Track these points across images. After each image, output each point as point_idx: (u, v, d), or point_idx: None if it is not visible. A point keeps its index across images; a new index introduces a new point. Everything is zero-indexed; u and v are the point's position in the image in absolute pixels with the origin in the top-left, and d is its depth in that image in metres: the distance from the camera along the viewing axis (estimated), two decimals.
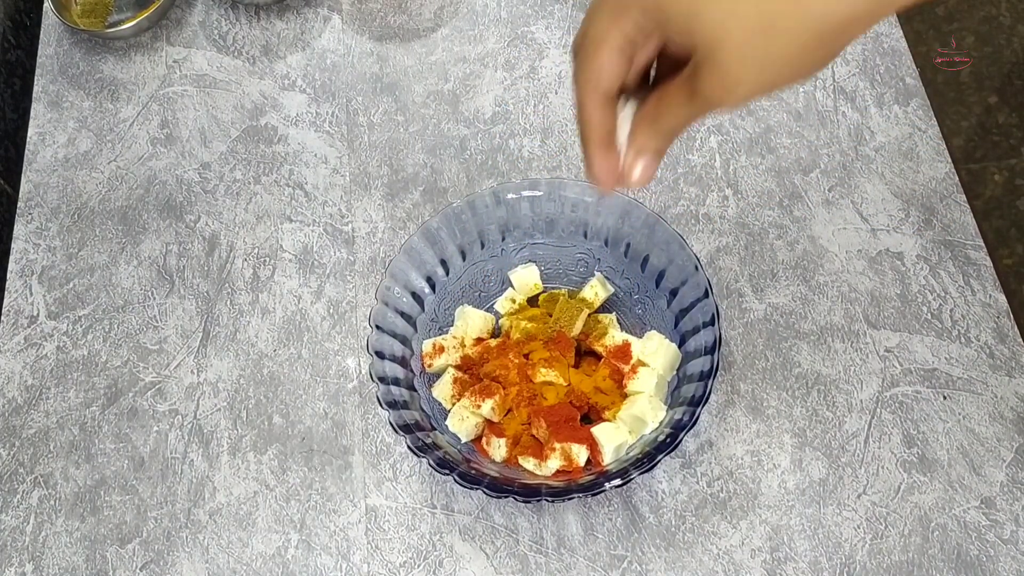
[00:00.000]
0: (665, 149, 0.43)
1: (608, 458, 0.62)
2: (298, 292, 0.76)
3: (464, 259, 0.69)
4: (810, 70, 0.37)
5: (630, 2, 0.37)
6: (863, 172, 0.77)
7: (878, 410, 0.67)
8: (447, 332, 0.68)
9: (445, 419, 0.65)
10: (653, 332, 0.65)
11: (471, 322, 0.67)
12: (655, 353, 0.64)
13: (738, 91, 0.37)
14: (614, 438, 0.61)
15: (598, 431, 0.62)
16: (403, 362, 0.64)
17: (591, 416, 0.65)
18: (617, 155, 0.43)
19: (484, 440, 0.64)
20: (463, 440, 0.64)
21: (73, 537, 0.68)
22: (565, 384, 0.64)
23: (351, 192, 0.80)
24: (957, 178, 0.76)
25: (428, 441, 0.60)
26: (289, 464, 0.69)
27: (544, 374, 0.64)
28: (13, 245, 0.80)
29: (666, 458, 0.56)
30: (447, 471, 0.57)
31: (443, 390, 0.65)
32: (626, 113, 0.43)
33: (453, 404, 0.65)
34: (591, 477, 0.60)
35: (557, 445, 0.61)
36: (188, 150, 0.84)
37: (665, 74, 0.42)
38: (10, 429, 0.72)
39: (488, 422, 0.65)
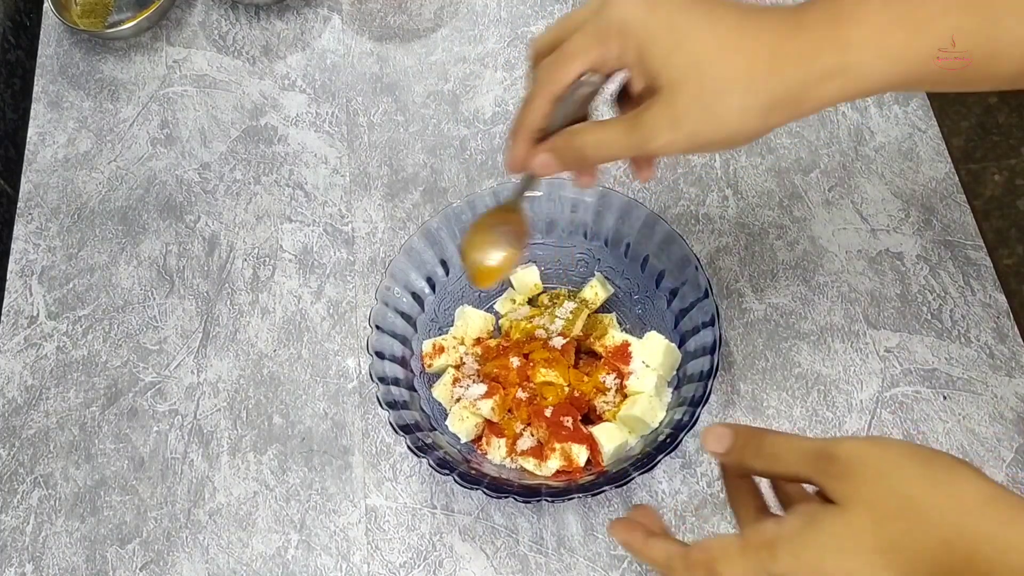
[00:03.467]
0: (575, 169, 0.49)
1: (608, 458, 0.62)
2: (298, 292, 0.76)
3: None
4: (745, 135, 0.42)
5: (614, 31, 0.42)
6: (863, 172, 0.77)
7: (878, 410, 0.67)
8: (447, 332, 0.68)
9: (445, 419, 0.65)
10: (653, 332, 0.65)
11: (471, 322, 0.67)
12: (655, 353, 0.64)
13: (677, 130, 0.42)
14: (614, 438, 0.61)
15: (598, 431, 0.62)
16: (403, 362, 0.65)
17: (591, 416, 0.65)
18: (532, 148, 0.48)
19: (484, 440, 0.64)
20: (463, 440, 0.64)
21: (73, 537, 0.68)
22: (565, 384, 0.64)
23: (351, 192, 0.80)
24: (957, 178, 0.76)
25: (428, 441, 0.60)
26: (289, 464, 0.69)
27: (544, 374, 0.64)
28: (13, 245, 0.80)
29: (666, 458, 0.56)
30: (447, 471, 0.57)
31: (443, 391, 0.65)
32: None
33: (453, 404, 0.65)
34: (591, 477, 0.60)
35: (557, 445, 0.61)
36: (188, 150, 0.84)
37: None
38: (10, 429, 0.72)
39: (488, 422, 0.65)
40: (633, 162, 0.50)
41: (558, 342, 0.66)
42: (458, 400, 0.65)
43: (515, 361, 0.65)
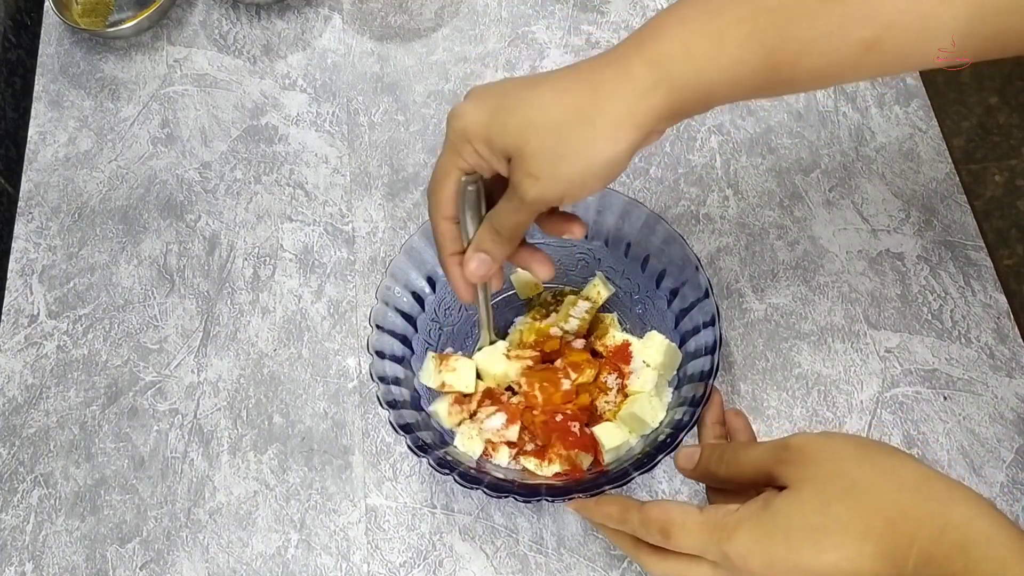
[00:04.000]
0: (500, 251, 0.53)
1: (608, 458, 0.62)
2: (298, 292, 0.76)
3: None
4: (603, 163, 0.46)
5: (460, 140, 0.48)
6: (864, 172, 0.77)
7: (878, 411, 0.67)
8: (447, 331, 0.68)
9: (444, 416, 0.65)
10: (653, 332, 0.65)
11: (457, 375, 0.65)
12: (655, 353, 0.64)
13: (538, 181, 0.47)
14: (614, 438, 0.61)
15: (598, 430, 0.62)
16: (403, 362, 0.64)
17: (592, 416, 0.65)
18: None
19: (488, 445, 0.64)
20: (475, 458, 0.63)
21: (73, 536, 0.68)
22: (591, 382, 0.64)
23: (351, 192, 0.80)
24: (958, 178, 0.76)
25: (428, 440, 0.60)
26: (289, 464, 0.69)
27: (588, 375, 0.63)
28: (13, 244, 0.80)
29: (666, 458, 0.56)
30: (447, 471, 0.57)
31: (447, 415, 0.64)
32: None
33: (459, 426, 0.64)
34: (591, 477, 0.60)
35: (563, 452, 0.61)
36: (189, 149, 0.84)
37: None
38: (10, 428, 0.72)
39: None
40: (558, 226, 0.55)
41: (579, 343, 0.65)
42: (477, 431, 0.63)
43: (540, 384, 0.64)
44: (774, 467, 0.45)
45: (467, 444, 0.62)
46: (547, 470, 0.61)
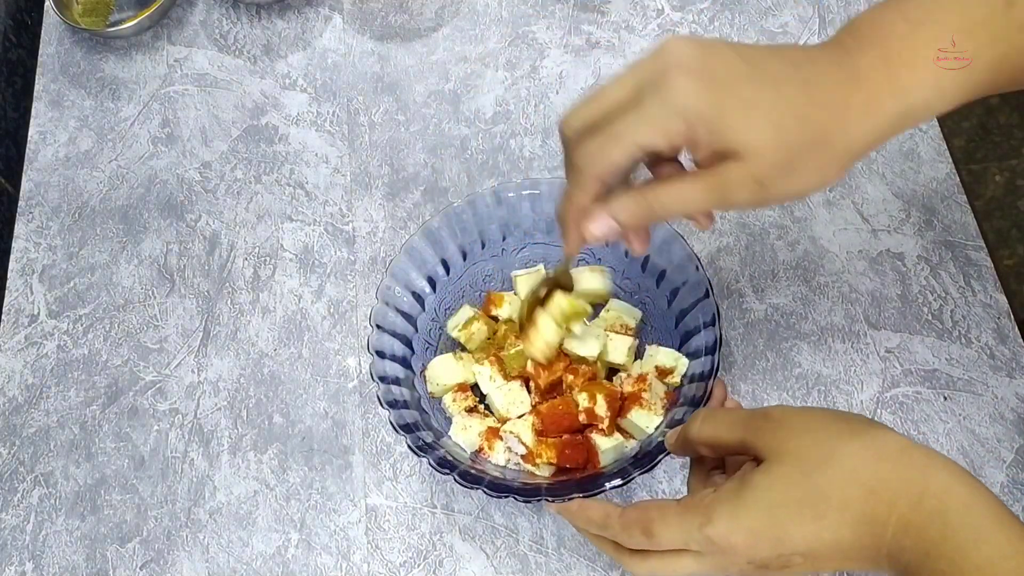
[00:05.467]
0: (638, 223, 0.47)
1: (608, 458, 0.61)
2: (299, 292, 0.76)
3: (465, 259, 0.69)
4: (820, 187, 0.44)
5: (677, 116, 0.42)
6: (864, 173, 0.77)
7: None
8: (447, 331, 0.68)
9: (445, 414, 0.65)
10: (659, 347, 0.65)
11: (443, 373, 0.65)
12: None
13: (763, 190, 0.43)
14: (611, 440, 0.61)
15: (595, 436, 0.62)
16: (403, 362, 0.64)
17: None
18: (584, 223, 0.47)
19: (486, 444, 0.64)
20: (468, 451, 0.63)
21: (73, 536, 0.68)
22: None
23: (352, 192, 0.80)
24: (958, 178, 0.76)
25: (428, 440, 0.60)
26: (289, 463, 0.69)
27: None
28: (14, 244, 0.80)
29: (666, 458, 0.56)
30: (447, 471, 0.57)
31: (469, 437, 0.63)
32: None
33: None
34: (591, 477, 0.60)
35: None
36: (189, 149, 0.84)
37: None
38: (10, 428, 0.72)
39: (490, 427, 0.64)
40: (633, 236, 0.50)
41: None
42: (506, 456, 0.63)
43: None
44: (752, 435, 0.45)
45: (461, 435, 0.63)
46: (545, 470, 0.61)
